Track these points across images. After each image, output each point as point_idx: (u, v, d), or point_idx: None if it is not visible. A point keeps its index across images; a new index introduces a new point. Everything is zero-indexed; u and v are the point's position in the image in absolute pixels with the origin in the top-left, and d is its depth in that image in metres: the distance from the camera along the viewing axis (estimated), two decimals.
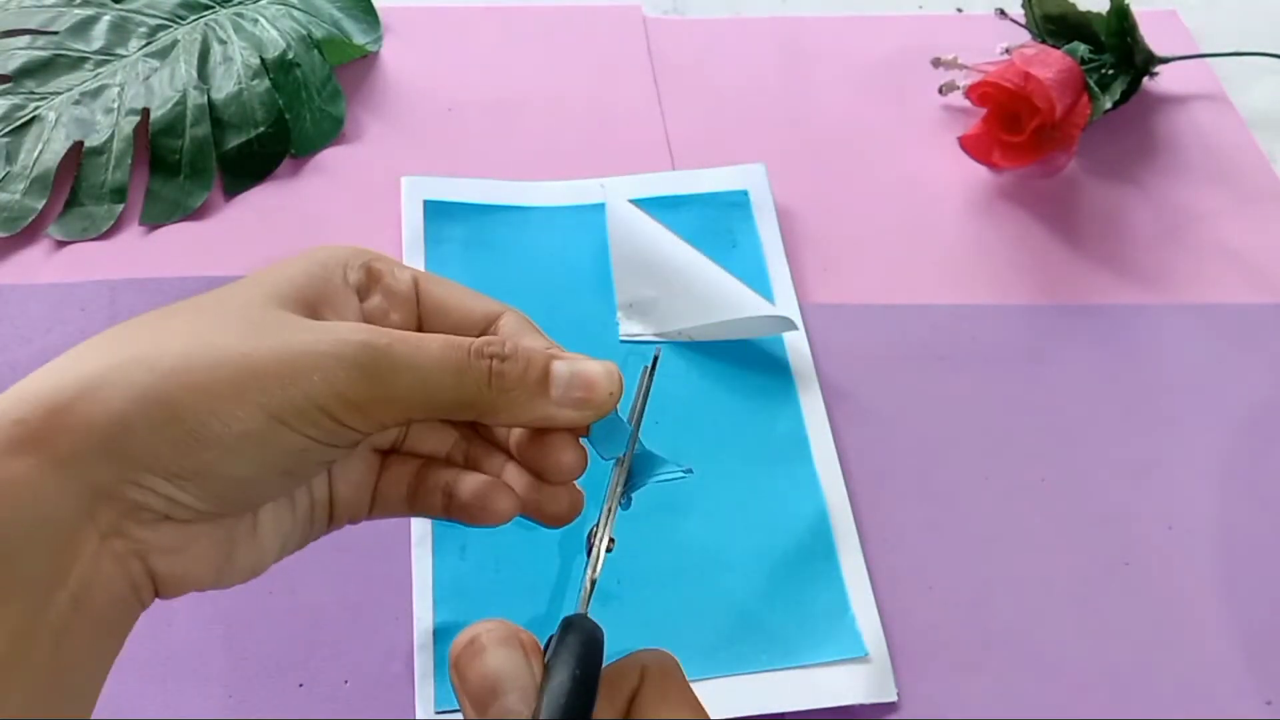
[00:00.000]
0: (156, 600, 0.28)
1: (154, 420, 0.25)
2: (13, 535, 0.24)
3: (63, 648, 0.25)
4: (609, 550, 0.31)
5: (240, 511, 0.28)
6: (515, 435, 0.32)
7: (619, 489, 0.33)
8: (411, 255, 0.52)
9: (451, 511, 0.32)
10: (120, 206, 0.53)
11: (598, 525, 0.32)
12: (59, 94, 0.56)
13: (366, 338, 0.27)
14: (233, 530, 0.28)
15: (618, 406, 0.31)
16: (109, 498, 0.25)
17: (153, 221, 0.53)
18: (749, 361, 0.49)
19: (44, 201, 0.53)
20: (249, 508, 0.29)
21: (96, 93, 0.56)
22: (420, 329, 0.33)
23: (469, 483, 0.32)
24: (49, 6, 0.59)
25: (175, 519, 0.26)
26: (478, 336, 0.30)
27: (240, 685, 0.39)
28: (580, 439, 0.32)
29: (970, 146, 0.57)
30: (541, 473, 0.31)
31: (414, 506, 0.33)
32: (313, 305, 0.29)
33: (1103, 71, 0.59)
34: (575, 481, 0.32)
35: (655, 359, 0.35)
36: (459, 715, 0.38)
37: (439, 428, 0.34)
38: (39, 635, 0.24)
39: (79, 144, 0.54)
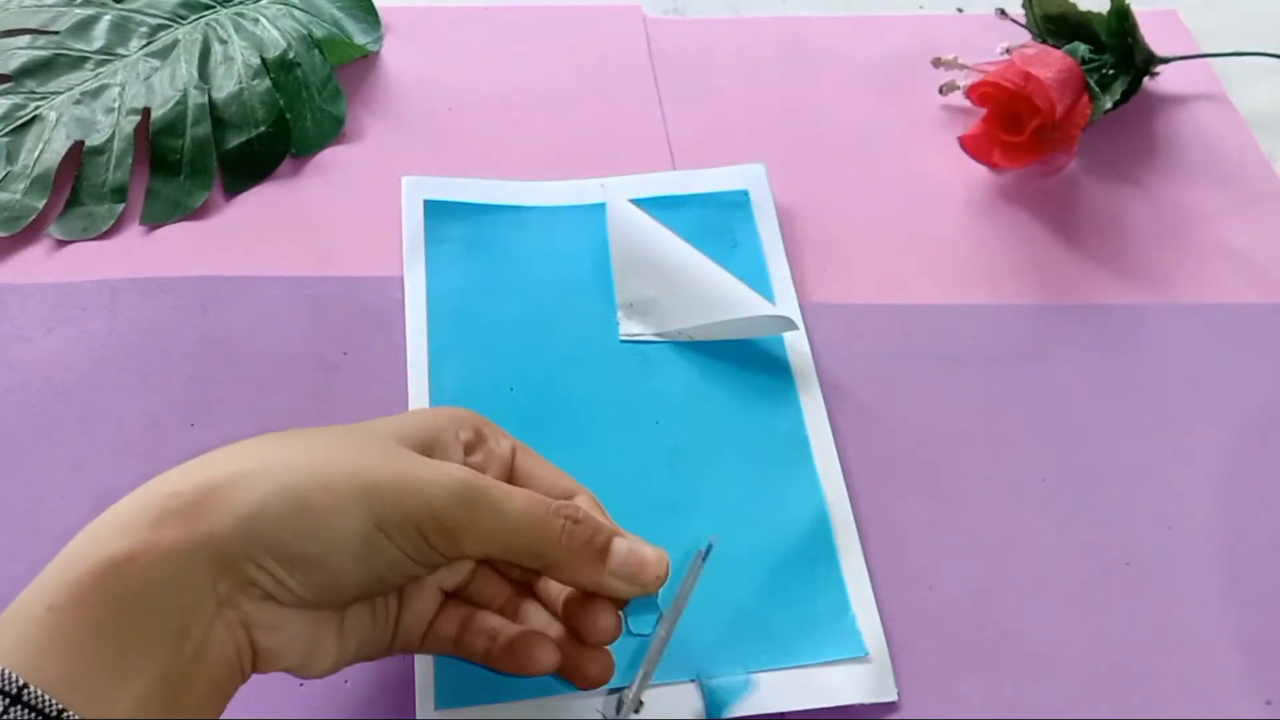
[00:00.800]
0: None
1: (286, 510, 0.30)
2: (159, 590, 0.28)
3: (181, 699, 0.28)
4: (636, 712, 0.37)
5: (331, 605, 0.32)
6: (564, 594, 0.37)
7: (656, 658, 0.38)
8: (412, 255, 0.52)
9: (492, 656, 0.36)
10: (121, 206, 0.53)
11: (629, 687, 0.37)
12: (59, 94, 0.56)
13: (467, 477, 0.32)
14: (323, 625, 0.33)
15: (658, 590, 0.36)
16: (231, 570, 0.29)
17: (153, 221, 0.53)
18: (749, 361, 0.49)
19: (44, 201, 0.53)
20: (338, 604, 0.33)
21: (97, 92, 0.56)
22: None
23: (513, 631, 0.36)
24: (49, 6, 0.59)
25: (277, 600, 0.30)
26: None
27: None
28: (619, 610, 0.36)
29: (970, 146, 0.57)
30: (580, 632, 0.36)
31: (459, 647, 0.36)
32: (427, 448, 0.34)
33: (1103, 71, 0.59)
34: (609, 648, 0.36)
35: (704, 553, 0.39)
36: (459, 715, 0.38)
37: (497, 581, 0.38)
38: (173, 680, 0.28)
39: (79, 143, 0.55)
